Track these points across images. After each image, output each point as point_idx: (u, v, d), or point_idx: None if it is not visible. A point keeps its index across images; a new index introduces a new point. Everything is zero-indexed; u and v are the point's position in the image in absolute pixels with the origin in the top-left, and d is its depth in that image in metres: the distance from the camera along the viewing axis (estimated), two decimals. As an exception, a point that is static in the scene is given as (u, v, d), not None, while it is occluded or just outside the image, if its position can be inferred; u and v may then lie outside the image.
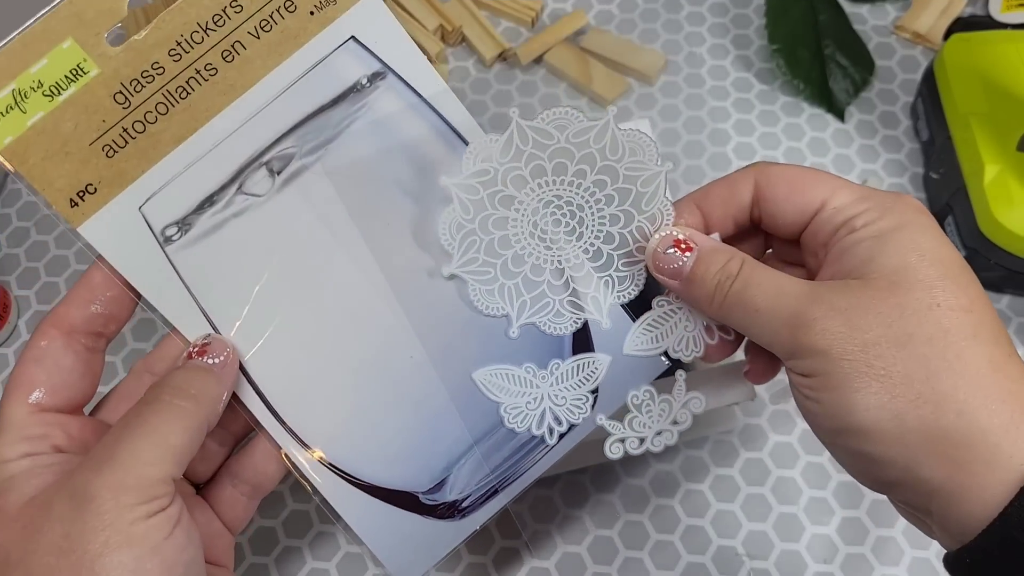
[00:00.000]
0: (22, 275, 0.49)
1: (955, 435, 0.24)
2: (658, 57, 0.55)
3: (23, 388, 0.29)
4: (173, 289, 0.31)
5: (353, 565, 0.43)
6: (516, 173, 0.31)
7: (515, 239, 0.32)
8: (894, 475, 0.25)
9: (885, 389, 0.25)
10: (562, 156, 0.31)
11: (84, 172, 0.30)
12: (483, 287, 0.32)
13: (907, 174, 0.52)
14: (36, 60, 0.30)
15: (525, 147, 0.31)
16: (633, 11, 0.58)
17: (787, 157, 0.53)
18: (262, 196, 0.32)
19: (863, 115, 0.54)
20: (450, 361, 0.33)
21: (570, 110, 0.30)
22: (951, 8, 0.56)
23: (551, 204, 0.31)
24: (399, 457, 0.33)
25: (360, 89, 0.32)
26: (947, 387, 0.24)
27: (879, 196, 0.28)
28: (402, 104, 0.33)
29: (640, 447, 0.32)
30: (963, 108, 0.48)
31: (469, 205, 0.31)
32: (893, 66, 0.56)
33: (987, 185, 0.45)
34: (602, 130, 0.31)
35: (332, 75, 0.32)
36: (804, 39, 0.55)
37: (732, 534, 0.43)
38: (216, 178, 0.31)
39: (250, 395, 0.32)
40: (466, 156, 0.31)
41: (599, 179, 0.31)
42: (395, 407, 0.33)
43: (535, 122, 0.30)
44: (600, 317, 0.32)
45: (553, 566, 0.42)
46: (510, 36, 0.57)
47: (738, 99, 0.55)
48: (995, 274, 0.47)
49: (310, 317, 0.32)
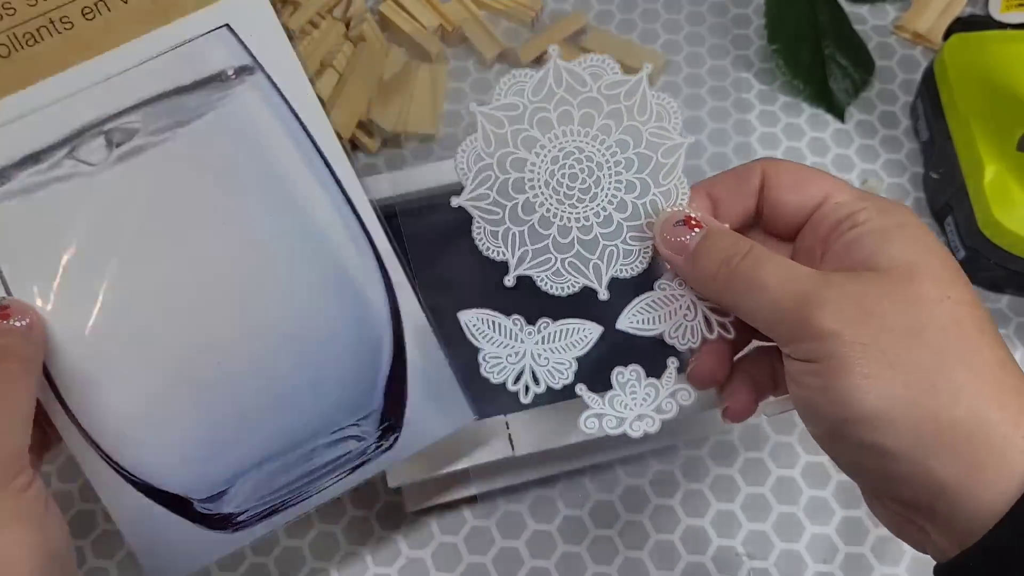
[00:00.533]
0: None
1: (967, 427, 0.24)
2: (658, 57, 0.55)
3: None
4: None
5: (353, 566, 0.43)
6: (543, 115, 0.30)
7: (529, 185, 0.30)
8: (903, 469, 0.24)
9: (898, 376, 0.24)
10: (591, 106, 0.30)
11: None
12: (488, 226, 0.30)
13: (907, 174, 0.52)
14: None
15: (558, 89, 0.30)
16: (633, 11, 0.58)
17: (787, 157, 0.53)
18: (94, 166, 0.29)
19: (863, 115, 0.54)
20: (257, 376, 0.32)
21: (607, 59, 0.30)
22: (951, 8, 0.56)
23: (572, 155, 0.30)
24: (182, 462, 0.32)
25: (224, 79, 0.31)
26: (961, 379, 0.24)
27: (878, 198, 0.28)
28: (264, 105, 0.32)
29: (618, 427, 0.30)
30: (963, 108, 0.48)
31: (492, 138, 0.30)
32: (893, 66, 0.56)
33: (987, 185, 0.45)
34: (634, 87, 0.30)
35: (197, 58, 0.30)
36: (804, 39, 0.55)
37: (732, 534, 0.43)
38: (47, 137, 0.29)
39: None
40: (499, 86, 0.30)
41: (622, 139, 0.30)
42: (189, 411, 0.31)
43: (572, 64, 0.30)
44: (599, 287, 0.31)
45: (553, 566, 0.42)
46: (510, 36, 0.57)
47: (738, 99, 0.55)
48: (995, 274, 0.47)
49: (118, 304, 0.30)
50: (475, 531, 0.43)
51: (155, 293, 0.31)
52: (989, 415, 0.24)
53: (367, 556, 0.43)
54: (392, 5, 0.56)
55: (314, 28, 0.53)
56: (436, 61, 0.55)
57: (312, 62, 0.51)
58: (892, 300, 0.25)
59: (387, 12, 0.56)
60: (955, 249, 0.48)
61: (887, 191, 0.52)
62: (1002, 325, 0.48)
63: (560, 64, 0.30)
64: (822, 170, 0.30)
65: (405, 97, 0.53)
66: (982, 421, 0.24)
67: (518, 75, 0.30)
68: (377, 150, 0.53)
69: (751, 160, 0.31)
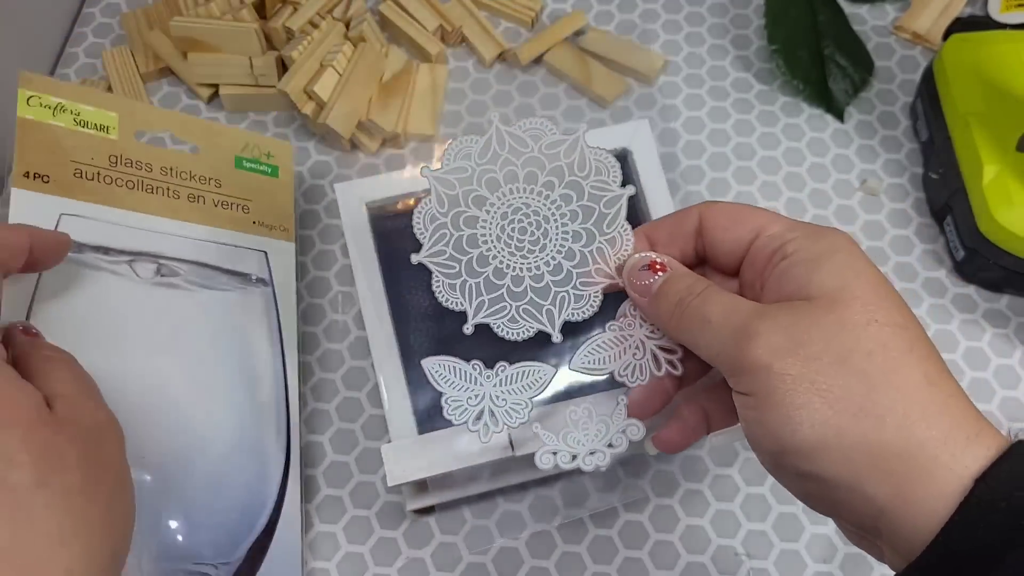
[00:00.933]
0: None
1: (896, 448, 0.24)
2: (657, 57, 0.55)
3: None
4: (25, 284, 0.38)
5: (354, 566, 0.43)
6: (491, 175, 0.32)
7: (483, 240, 0.33)
8: (843, 495, 0.25)
9: (827, 404, 0.25)
10: (534, 165, 0.32)
11: (49, 168, 0.40)
12: (446, 280, 0.33)
13: (906, 174, 0.52)
14: (85, 103, 0.42)
15: (502, 151, 0.32)
16: (633, 11, 0.58)
17: (786, 157, 0.53)
18: (139, 278, 0.40)
19: (862, 115, 0.54)
20: (169, 480, 0.38)
21: (545, 121, 0.32)
22: (950, 8, 0.56)
23: (519, 211, 0.33)
24: None
25: (248, 279, 0.44)
26: (886, 400, 0.24)
27: (809, 225, 0.29)
28: (264, 307, 0.44)
29: (572, 463, 0.32)
30: (962, 108, 0.48)
31: (444, 199, 0.32)
32: (892, 66, 0.56)
33: (986, 185, 0.45)
34: (572, 145, 0.32)
35: (240, 259, 0.44)
36: (803, 39, 0.55)
37: (732, 534, 0.43)
38: (123, 243, 0.41)
39: None
40: (447, 151, 0.32)
41: (565, 193, 0.33)
42: None
43: (513, 128, 0.32)
44: (552, 331, 0.33)
45: (553, 566, 0.42)
46: (510, 36, 0.57)
47: (737, 99, 0.55)
48: (994, 274, 0.47)
49: (105, 382, 0.36)
50: (475, 531, 0.43)
51: (130, 385, 0.38)
52: (916, 435, 0.24)
53: (367, 556, 0.43)
54: (392, 5, 0.56)
55: (314, 28, 0.53)
56: (436, 61, 0.55)
57: (312, 62, 0.51)
58: (820, 328, 0.25)
59: (387, 12, 0.56)
60: (954, 249, 0.48)
61: (887, 191, 0.52)
62: (1001, 325, 0.48)
63: (502, 128, 0.32)
64: (757, 207, 0.31)
65: (405, 97, 0.53)
66: (909, 442, 0.24)
67: (464, 141, 0.33)
68: (377, 150, 0.53)
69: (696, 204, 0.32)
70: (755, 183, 0.52)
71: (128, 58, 0.55)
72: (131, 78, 0.55)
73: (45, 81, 0.41)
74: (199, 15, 0.53)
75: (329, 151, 0.53)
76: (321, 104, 0.51)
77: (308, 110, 0.51)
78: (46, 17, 0.57)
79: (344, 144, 0.52)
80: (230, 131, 0.47)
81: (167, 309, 0.40)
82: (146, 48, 0.55)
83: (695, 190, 0.52)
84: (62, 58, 0.57)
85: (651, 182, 0.47)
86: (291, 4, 0.54)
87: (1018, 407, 0.46)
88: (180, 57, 0.54)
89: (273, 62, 0.52)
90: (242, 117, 0.54)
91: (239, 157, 0.46)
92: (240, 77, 0.53)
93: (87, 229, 0.40)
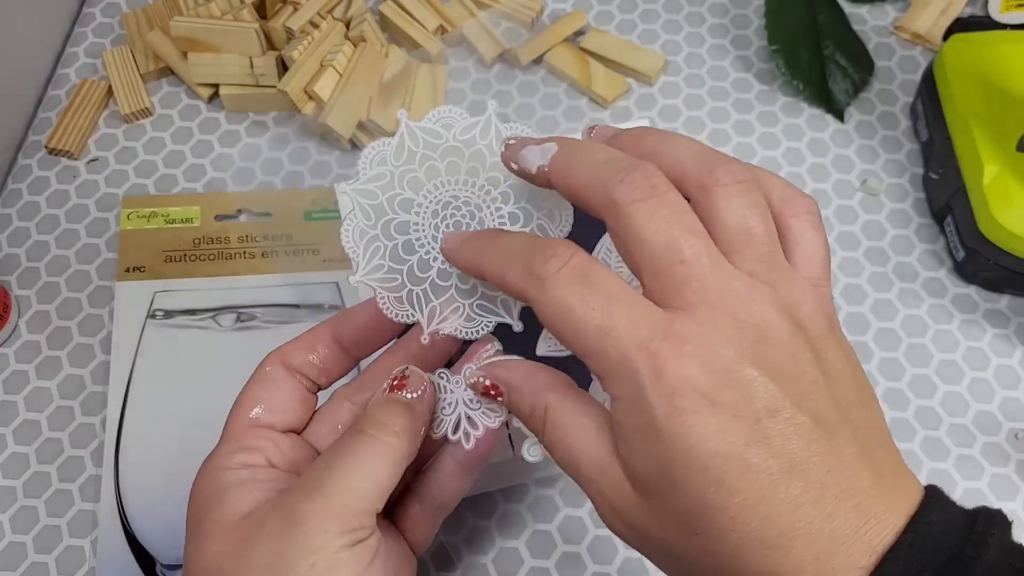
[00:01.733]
0: (23, 275, 0.49)
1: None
2: (658, 58, 0.55)
3: (246, 404, 0.31)
4: (128, 350, 0.46)
5: (353, 565, 0.43)
6: (412, 175, 0.31)
7: (419, 243, 0.31)
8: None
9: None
10: (453, 155, 0.31)
11: (145, 260, 0.49)
12: (391, 294, 0.31)
13: (906, 174, 0.52)
14: (173, 206, 0.51)
15: (417, 148, 0.31)
16: (633, 12, 0.58)
17: (787, 157, 0.53)
18: (222, 328, 0.47)
19: (862, 115, 0.54)
20: None
21: (453, 108, 0.31)
22: (951, 8, 0.56)
23: (450, 205, 0.31)
24: (167, 528, 0.42)
25: (322, 308, 0.48)
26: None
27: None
28: None
29: None
30: (962, 108, 0.48)
31: (369, 210, 0.31)
32: (892, 66, 0.56)
33: (986, 185, 0.45)
34: (485, 126, 0.31)
35: (312, 293, 0.49)
36: (803, 40, 0.55)
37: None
38: (206, 303, 0.48)
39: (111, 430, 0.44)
40: (361, 160, 0.31)
41: (491, 176, 0.31)
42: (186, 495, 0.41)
43: (423, 122, 0.31)
44: (512, 320, 0.31)
45: (553, 566, 0.42)
46: (510, 36, 0.57)
47: (738, 99, 0.55)
48: (994, 274, 0.47)
49: (191, 413, 0.44)
50: (475, 531, 0.43)
51: (213, 408, 0.39)
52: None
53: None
54: (392, 5, 0.56)
55: (314, 28, 0.53)
56: (436, 61, 0.55)
57: (312, 62, 0.51)
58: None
59: (387, 12, 0.56)
60: (955, 249, 0.48)
61: (887, 192, 0.52)
62: (1001, 326, 0.48)
63: (411, 125, 0.31)
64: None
65: (405, 97, 0.53)
66: None
67: (376, 146, 0.31)
68: (377, 150, 0.53)
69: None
70: (755, 183, 0.52)
71: (128, 58, 0.55)
72: (131, 78, 0.55)
73: (142, 199, 0.51)
74: (199, 15, 0.53)
75: (329, 151, 0.53)
76: (321, 104, 0.51)
77: (308, 110, 0.51)
78: (46, 17, 0.57)
79: (344, 144, 0.52)
80: (299, 193, 0.51)
81: (248, 349, 0.44)
82: (146, 48, 0.55)
83: (695, 190, 0.52)
84: (63, 58, 0.57)
85: None
86: (291, 4, 0.54)
87: (1018, 408, 0.46)
88: (180, 57, 0.54)
89: (273, 62, 0.52)
90: (242, 117, 0.54)
91: (308, 212, 0.50)
92: (240, 77, 0.53)
93: (176, 299, 0.48)
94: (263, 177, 0.53)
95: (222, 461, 0.30)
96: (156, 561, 0.42)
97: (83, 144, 0.53)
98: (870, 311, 0.48)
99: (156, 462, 0.43)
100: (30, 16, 0.55)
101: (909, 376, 0.47)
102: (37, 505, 0.43)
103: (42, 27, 0.56)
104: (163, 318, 0.47)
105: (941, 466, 0.44)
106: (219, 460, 0.30)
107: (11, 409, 0.46)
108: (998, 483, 0.44)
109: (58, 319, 0.48)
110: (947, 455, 0.45)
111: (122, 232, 0.49)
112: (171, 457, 0.43)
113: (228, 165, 0.53)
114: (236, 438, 0.30)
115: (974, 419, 0.45)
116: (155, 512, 0.42)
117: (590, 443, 0.26)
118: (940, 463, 0.44)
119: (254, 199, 0.51)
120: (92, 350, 0.47)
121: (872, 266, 0.50)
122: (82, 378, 0.46)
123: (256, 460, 0.30)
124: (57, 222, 0.51)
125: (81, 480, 0.44)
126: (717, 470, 0.23)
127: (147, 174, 0.53)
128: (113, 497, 0.43)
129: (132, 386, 0.45)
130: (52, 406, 0.46)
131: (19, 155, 0.54)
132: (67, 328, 0.48)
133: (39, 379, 0.46)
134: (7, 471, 0.44)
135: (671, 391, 0.23)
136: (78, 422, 0.45)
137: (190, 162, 0.53)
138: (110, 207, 0.51)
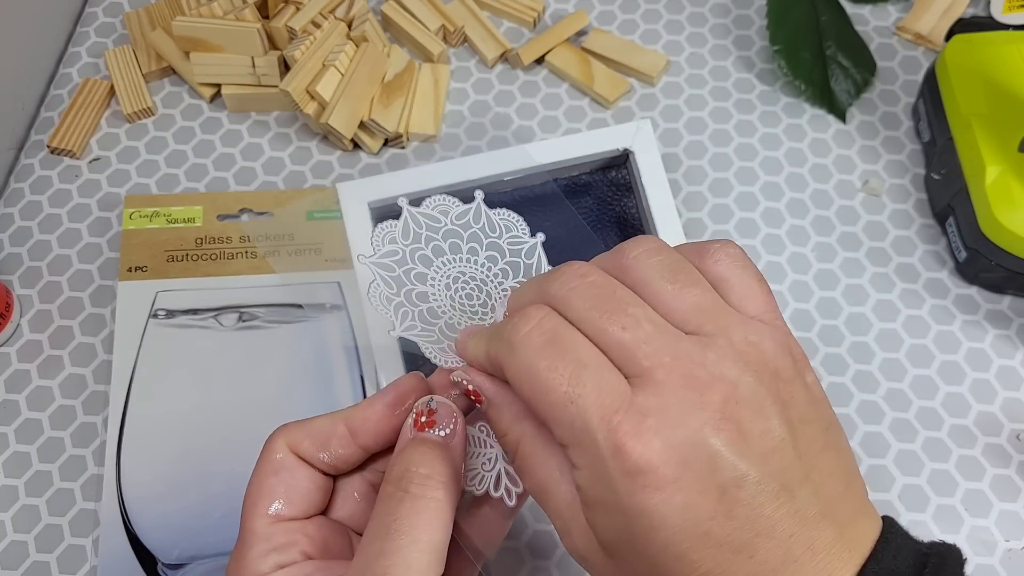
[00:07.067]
0: (25, 274, 0.50)
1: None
2: (660, 58, 0.55)
3: (263, 500, 0.28)
4: (130, 349, 0.46)
5: (354, 564, 0.43)
6: (421, 252, 0.33)
7: (440, 311, 0.32)
8: None
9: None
10: (453, 236, 0.33)
11: (147, 260, 0.49)
12: (433, 346, 0.32)
13: (908, 175, 0.52)
14: (176, 205, 0.51)
15: (420, 230, 0.33)
16: (635, 12, 0.58)
17: (788, 158, 0.53)
18: (225, 328, 0.47)
19: (865, 116, 0.54)
20: None
21: (445, 196, 0.33)
22: (953, 9, 0.56)
23: (459, 279, 0.33)
24: (168, 527, 0.42)
25: (323, 307, 0.48)
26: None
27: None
28: (339, 331, 0.48)
29: None
30: (965, 109, 0.48)
31: (390, 280, 0.32)
32: (895, 67, 0.56)
33: (988, 186, 0.45)
34: (476, 212, 0.33)
35: (314, 291, 0.49)
36: (806, 40, 0.55)
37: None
38: (209, 303, 0.48)
39: (111, 433, 0.44)
40: (373, 238, 0.32)
41: (490, 255, 0.33)
42: (194, 495, 0.43)
43: (421, 208, 0.33)
44: None
45: (554, 566, 0.42)
46: (512, 37, 0.57)
47: (739, 100, 0.55)
48: (996, 275, 0.47)
49: (194, 412, 0.45)
50: (476, 531, 0.43)
51: (216, 407, 0.45)
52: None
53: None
54: (394, 5, 0.56)
55: (316, 28, 0.53)
56: (438, 61, 0.55)
57: (314, 62, 0.51)
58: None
59: (389, 12, 0.56)
60: (956, 250, 0.48)
61: (889, 192, 0.52)
62: (1003, 327, 0.48)
63: (411, 210, 0.33)
64: None
65: (407, 98, 0.53)
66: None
67: (384, 227, 0.33)
68: (379, 151, 0.53)
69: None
70: (757, 184, 0.52)
71: (130, 57, 0.55)
72: (133, 77, 0.55)
73: (144, 199, 0.51)
74: (201, 15, 0.53)
75: (331, 151, 0.53)
76: (323, 104, 0.51)
77: (310, 110, 0.51)
78: (49, 16, 0.57)
79: (346, 144, 0.52)
80: (301, 193, 0.52)
81: (250, 348, 0.47)
82: (148, 48, 0.55)
83: (697, 191, 0.52)
84: (65, 57, 0.57)
85: (653, 183, 0.47)
86: (293, 4, 0.54)
87: (1020, 408, 0.46)
88: (182, 57, 0.54)
89: (275, 62, 0.52)
90: (244, 117, 0.55)
91: (310, 212, 0.51)
92: (242, 77, 0.53)
93: (178, 298, 0.48)
94: (265, 177, 0.53)
95: (257, 567, 0.27)
96: (157, 560, 0.42)
97: (85, 143, 0.53)
98: (872, 312, 0.48)
99: (158, 461, 0.44)
100: (32, 15, 0.55)
101: (911, 377, 0.47)
102: (39, 504, 0.43)
103: (44, 26, 0.56)
104: (165, 318, 0.47)
105: (942, 467, 0.44)
106: (253, 567, 0.27)
107: (13, 408, 0.46)
108: (999, 484, 0.44)
109: (60, 318, 0.48)
110: (948, 456, 0.45)
111: (124, 231, 0.49)
112: (173, 457, 0.44)
113: (230, 165, 0.53)
114: (264, 538, 0.28)
115: (975, 420, 0.45)
116: (157, 511, 0.43)
117: (559, 487, 0.26)
118: (941, 464, 0.44)
119: (256, 199, 0.51)
120: (94, 349, 0.47)
121: (874, 267, 0.50)
122: (84, 377, 0.47)
123: (292, 558, 0.28)
124: (59, 221, 0.51)
125: (83, 479, 0.44)
126: (679, 545, 0.23)
127: (149, 174, 0.53)
128: (115, 496, 0.43)
129: (134, 386, 0.45)
130: (54, 405, 0.46)
131: (21, 154, 0.54)
132: (69, 327, 0.48)
133: (41, 378, 0.47)
134: (9, 470, 0.44)
135: (633, 469, 0.23)
136: (80, 421, 0.45)
137: (192, 162, 0.53)
138: (112, 206, 0.52)
